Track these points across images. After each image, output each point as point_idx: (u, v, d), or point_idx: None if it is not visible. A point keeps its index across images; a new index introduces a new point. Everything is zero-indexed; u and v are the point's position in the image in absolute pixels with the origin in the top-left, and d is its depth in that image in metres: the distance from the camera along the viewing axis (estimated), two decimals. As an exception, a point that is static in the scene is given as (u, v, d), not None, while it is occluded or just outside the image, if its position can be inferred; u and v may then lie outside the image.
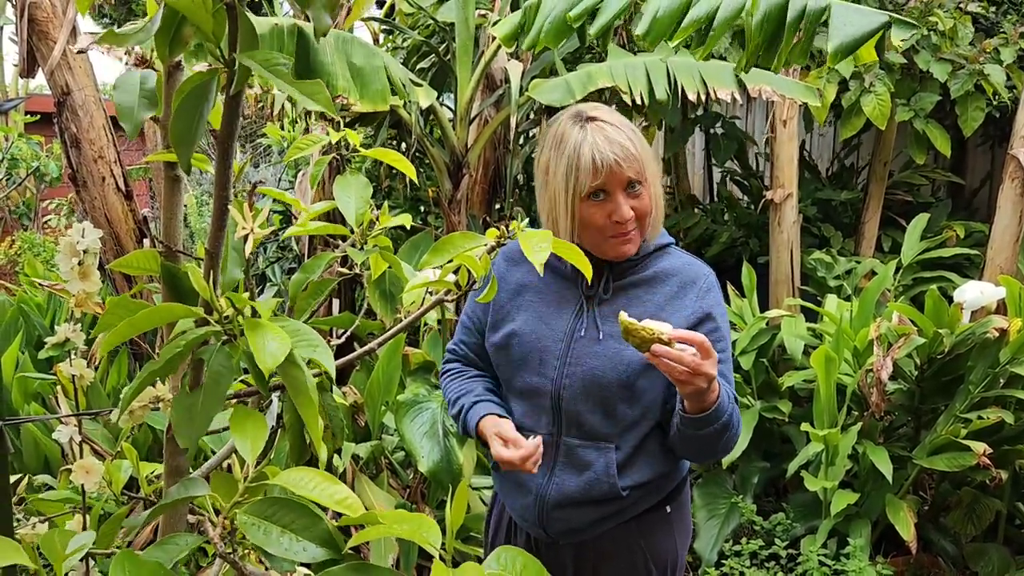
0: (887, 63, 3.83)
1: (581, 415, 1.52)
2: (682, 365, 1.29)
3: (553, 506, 1.55)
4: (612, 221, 1.47)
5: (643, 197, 1.49)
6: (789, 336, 3.46)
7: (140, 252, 1.01)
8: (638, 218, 1.49)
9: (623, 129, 1.49)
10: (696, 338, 1.30)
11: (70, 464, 1.18)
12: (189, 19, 0.75)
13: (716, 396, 1.38)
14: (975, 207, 5.12)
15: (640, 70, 3.17)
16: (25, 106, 7.53)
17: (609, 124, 1.48)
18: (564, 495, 1.54)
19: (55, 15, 3.28)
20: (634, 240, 1.51)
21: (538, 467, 1.48)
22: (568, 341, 1.53)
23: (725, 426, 1.42)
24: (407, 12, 4.20)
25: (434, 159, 3.49)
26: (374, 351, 1.30)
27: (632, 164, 1.46)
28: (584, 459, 1.53)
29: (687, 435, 1.44)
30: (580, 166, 1.45)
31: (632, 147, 1.47)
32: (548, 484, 1.55)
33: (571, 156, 1.46)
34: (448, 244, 1.21)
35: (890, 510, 2.85)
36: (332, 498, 0.87)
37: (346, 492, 0.88)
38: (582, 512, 1.55)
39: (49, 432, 2.90)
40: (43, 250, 6.30)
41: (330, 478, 0.90)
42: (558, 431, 1.55)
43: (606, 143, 1.45)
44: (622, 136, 1.47)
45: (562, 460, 1.55)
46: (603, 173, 1.44)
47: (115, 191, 3.52)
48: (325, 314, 3.86)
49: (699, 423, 1.40)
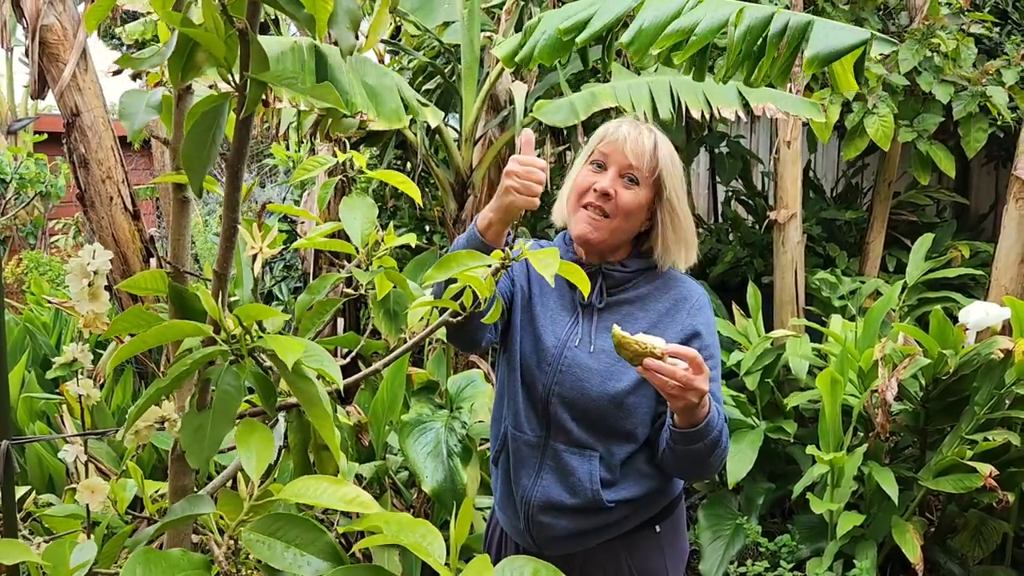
0: (890, 85, 3.85)
1: (567, 422, 1.54)
2: (674, 380, 1.30)
3: (538, 510, 1.56)
4: (592, 189, 1.53)
5: (634, 193, 1.53)
6: (794, 357, 3.45)
7: (148, 273, 1.02)
8: (615, 208, 1.52)
9: (657, 137, 1.57)
10: (688, 353, 1.32)
11: (75, 483, 1.18)
12: (202, 45, 0.76)
13: (707, 411, 1.39)
14: (980, 227, 5.12)
15: (644, 90, 3.20)
16: (34, 126, 7.59)
17: (647, 128, 1.58)
18: (548, 499, 1.55)
19: (66, 38, 3.32)
20: (599, 228, 1.54)
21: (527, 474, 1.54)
22: (561, 348, 1.55)
23: (715, 442, 1.42)
24: (413, 34, 4.24)
25: (439, 179, 3.51)
26: (379, 371, 1.30)
27: (638, 155, 1.53)
28: (568, 465, 1.54)
29: (677, 450, 1.45)
30: (601, 133, 1.58)
31: (649, 148, 1.54)
32: (534, 487, 1.57)
33: (602, 130, 1.59)
34: (452, 260, 1.21)
35: (896, 532, 2.83)
36: (343, 499, 0.87)
37: (356, 491, 0.88)
38: (567, 520, 1.55)
39: (53, 451, 2.91)
40: (49, 269, 6.33)
41: (337, 480, 0.90)
42: (546, 435, 1.57)
43: (632, 129, 1.55)
44: (648, 136, 1.56)
45: (548, 464, 1.57)
46: (609, 142, 1.54)
47: (123, 211, 3.54)
48: (330, 334, 3.87)
49: (690, 438, 1.41)
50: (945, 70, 3.88)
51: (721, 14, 2.13)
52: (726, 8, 2.15)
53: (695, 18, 2.14)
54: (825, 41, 2.01)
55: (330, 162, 1.41)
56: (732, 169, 4.63)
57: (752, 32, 2.09)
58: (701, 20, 2.13)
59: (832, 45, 2.01)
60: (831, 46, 2.01)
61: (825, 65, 2.02)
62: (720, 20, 2.12)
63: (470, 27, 3.42)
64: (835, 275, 4.16)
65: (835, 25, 2.07)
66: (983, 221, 5.11)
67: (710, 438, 1.41)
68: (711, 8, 2.17)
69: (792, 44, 2.06)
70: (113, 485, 1.25)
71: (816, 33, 2.03)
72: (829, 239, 4.71)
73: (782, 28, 2.07)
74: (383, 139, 3.85)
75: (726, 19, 2.11)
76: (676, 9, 2.19)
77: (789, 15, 2.10)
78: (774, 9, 2.12)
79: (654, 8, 2.23)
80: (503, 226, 1.47)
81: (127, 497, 1.31)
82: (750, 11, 2.11)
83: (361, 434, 2.88)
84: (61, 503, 2.48)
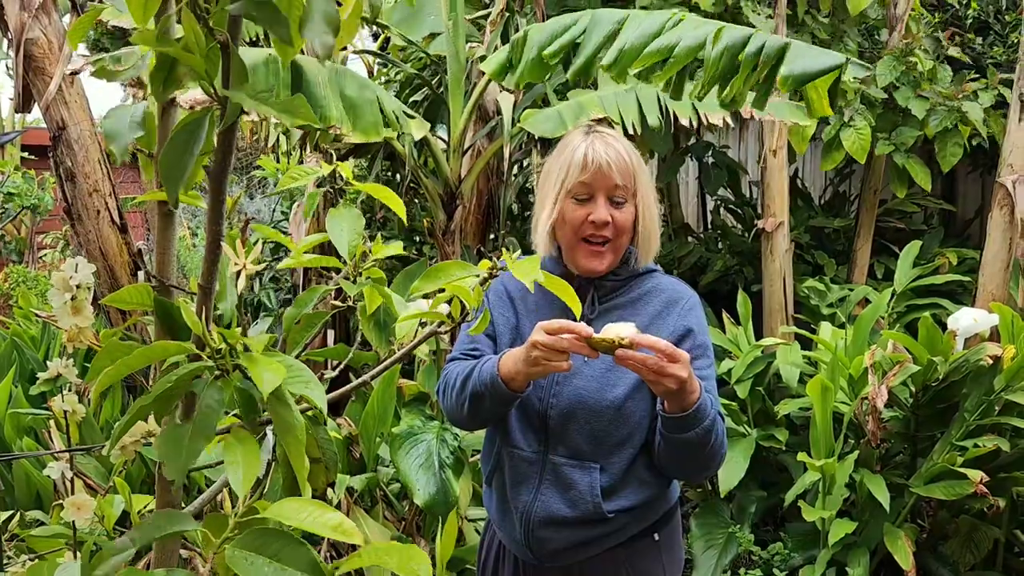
0: (868, 98, 3.88)
1: (567, 434, 1.53)
2: (646, 367, 1.32)
3: (538, 525, 1.55)
4: (588, 222, 1.51)
5: (625, 212, 1.53)
6: (784, 364, 3.46)
7: (133, 287, 1.01)
8: (616, 232, 1.52)
9: (622, 143, 1.56)
10: (658, 344, 1.33)
11: (62, 499, 1.17)
12: (182, 62, 0.76)
13: (696, 398, 1.39)
14: (967, 233, 5.15)
15: (631, 99, 3.20)
16: (21, 139, 7.56)
17: (610, 136, 1.56)
18: (549, 514, 1.54)
19: (51, 51, 3.31)
20: (605, 257, 1.54)
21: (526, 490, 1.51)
22: None
23: (707, 432, 1.42)
24: (400, 46, 4.25)
25: (428, 190, 3.51)
26: (369, 383, 1.30)
27: (622, 172, 1.52)
28: (569, 478, 1.53)
29: (670, 439, 1.44)
30: (572, 162, 1.53)
31: (626, 159, 1.53)
32: (534, 502, 1.55)
33: (567, 154, 1.55)
34: (440, 271, 1.22)
35: (888, 539, 2.83)
36: (327, 525, 0.87)
37: (340, 518, 0.87)
38: (567, 533, 1.54)
39: (41, 467, 2.88)
40: (36, 284, 6.30)
41: (323, 506, 0.90)
42: (545, 449, 1.56)
43: (602, 146, 1.53)
44: (619, 147, 1.54)
45: (548, 478, 1.55)
46: (591, 171, 1.51)
47: (110, 224, 3.53)
48: (320, 345, 3.85)
49: (679, 424, 1.41)
50: (922, 86, 3.92)
51: (700, 34, 2.14)
52: (705, 28, 2.16)
53: (674, 38, 2.16)
54: (800, 62, 2.03)
55: (316, 172, 1.40)
56: (719, 179, 4.65)
57: (729, 51, 2.10)
58: (680, 40, 2.14)
59: (807, 67, 2.02)
60: (806, 68, 2.02)
61: (799, 85, 2.03)
62: (699, 40, 2.13)
63: (455, 38, 3.42)
64: (824, 283, 4.18)
65: (811, 48, 2.09)
66: (969, 227, 5.14)
67: (701, 427, 1.41)
68: (690, 28, 2.18)
69: (768, 64, 2.07)
70: (100, 501, 1.24)
71: (792, 54, 2.05)
72: (817, 247, 4.73)
73: (758, 49, 2.08)
74: (371, 150, 3.85)
75: (704, 39, 2.13)
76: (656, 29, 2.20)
77: (765, 37, 2.11)
78: (752, 31, 2.13)
79: (634, 29, 2.24)
80: (527, 381, 1.45)
81: (114, 513, 1.29)
82: (728, 32, 2.12)
83: (352, 446, 2.86)
84: (49, 519, 2.45)
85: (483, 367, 1.50)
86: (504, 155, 3.34)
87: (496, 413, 1.54)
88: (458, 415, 1.59)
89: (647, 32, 2.19)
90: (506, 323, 1.62)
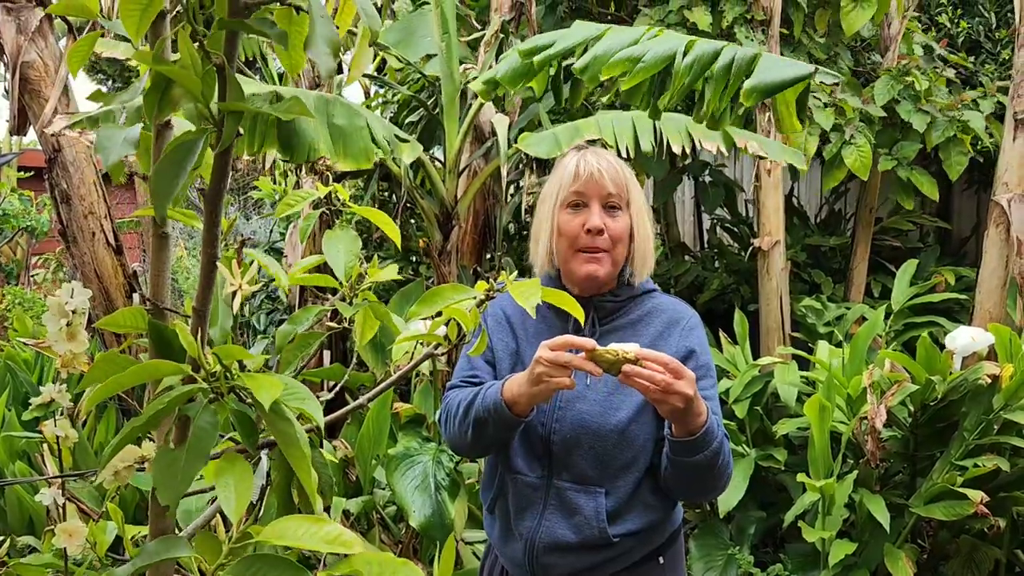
0: (867, 115, 3.91)
1: (571, 459, 1.52)
2: (653, 384, 1.31)
3: (543, 551, 1.53)
4: (584, 230, 1.52)
5: (620, 221, 1.54)
6: (782, 384, 3.45)
7: (127, 310, 1.00)
8: (612, 240, 1.53)
9: (613, 156, 1.59)
10: (662, 358, 1.32)
11: (55, 525, 1.16)
12: (177, 82, 0.76)
13: (704, 420, 1.38)
14: (963, 251, 5.16)
15: (627, 123, 3.21)
16: (17, 161, 7.56)
17: (601, 150, 1.60)
18: (554, 540, 1.52)
19: (47, 74, 3.32)
20: (603, 263, 1.54)
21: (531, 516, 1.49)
22: None
23: (715, 453, 1.41)
24: (397, 68, 4.27)
25: (424, 210, 3.51)
26: (365, 405, 1.29)
27: (615, 181, 1.54)
28: (574, 503, 1.52)
29: (679, 464, 1.43)
30: (565, 175, 1.56)
31: (617, 169, 1.56)
32: (538, 528, 1.54)
33: (560, 171, 1.58)
34: (437, 295, 1.21)
35: (889, 559, 2.81)
36: (324, 539, 0.85)
37: (338, 530, 0.85)
38: (572, 559, 1.53)
39: (33, 491, 2.85)
40: (33, 305, 6.27)
41: (319, 519, 0.88)
42: (549, 474, 1.54)
43: (593, 158, 1.56)
44: (611, 158, 1.57)
45: (552, 504, 1.54)
46: (583, 179, 1.53)
47: (105, 246, 3.52)
48: (316, 366, 3.83)
49: (688, 448, 1.40)
50: (921, 101, 3.95)
51: (670, 45, 2.14)
52: (678, 40, 2.16)
53: (645, 48, 2.16)
54: (767, 74, 1.99)
55: (314, 195, 1.40)
56: (715, 198, 4.66)
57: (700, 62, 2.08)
58: (649, 50, 2.14)
59: (773, 78, 1.99)
60: (771, 78, 1.98)
61: (764, 97, 2.01)
62: (669, 51, 2.13)
63: (449, 59, 3.44)
64: (820, 301, 4.17)
65: (780, 60, 2.07)
66: (965, 245, 5.15)
67: (710, 449, 1.40)
68: (663, 40, 2.18)
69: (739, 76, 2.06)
70: (92, 528, 1.22)
71: (760, 66, 2.03)
72: (814, 265, 4.73)
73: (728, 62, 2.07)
74: (368, 171, 3.86)
75: (675, 50, 2.12)
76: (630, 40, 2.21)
77: (736, 49, 2.09)
78: (724, 44, 2.12)
79: (610, 39, 2.25)
80: (531, 405, 1.44)
81: (107, 540, 1.28)
82: (700, 44, 2.12)
83: (348, 468, 2.84)
84: (41, 545, 2.43)
85: (486, 393, 1.49)
86: (501, 176, 3.34)
87: (499, 439, 1.53)
88: (461, 442, 1.57)
89: (622, 42, 2.19)
90: (505, 348, 1.61)
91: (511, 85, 2.43)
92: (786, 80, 1.98)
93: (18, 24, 3.28)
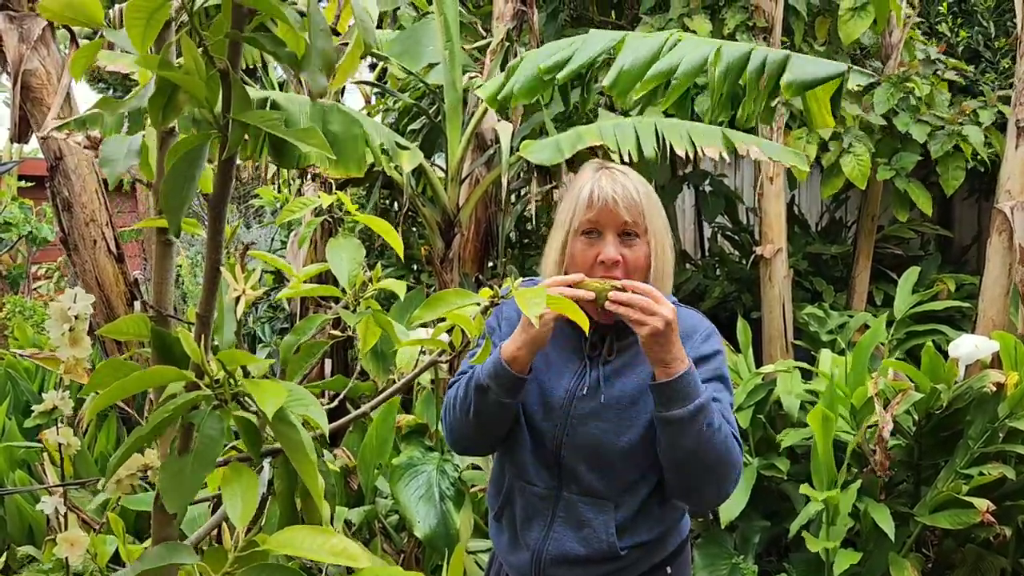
0: (867, 124, 3.91)
1: (580, 472, 1.50)
2: (635, 307, 1.35)
3: (550, 563, 1.52)
4: (598, 262, 1.46)
5: (637, 250, 1.47)
6: (785, 394, 3.43)
7: (129, 317, 0.99)
8: (626, 272, 1.46)
9: (632, 178, 1.50)
10: (644, 287, 1.38)
11: (55, 534, 1.15)
12: (183, 87, 0.75)
13: (684, 367, 1.37)
14: (964, 259, 5.15)
15: (629, 130, 3.21)
16: (18, 171, 7.57)
17: (620, 172, 1.51)
18: (562, 552, 1.51)
19: (49, 82, 3.32)
20: None
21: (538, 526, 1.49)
22: (570, 399, 1.50)
23: (699, 410, 1.37)
24: (399, 76, 4.27)
25: (426, 218, 3.50)
26: (367, 414, 1.28)
27: (631, 209, 1.46)
28: (583, 516, 1.50)
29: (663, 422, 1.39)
30: (579, 200, 1.48)
31: (636, 195, 1.47)
32: (546, 540, 1.52)
33: (575, 193, 1.51)
34: (440, 300, 1.20)
35: (894, 569, 2.80)
36: (330, 551, 0.84)
37: (344, 543, 0.85)
38: (580, 571, 1.51)
39: (34, 500, 2.84)
40: (33, 314, 6.27)
41: (325, 531, 0.87)
42: (558, 485, 1.52)
43: (609, 183, 1.48)
44: (628, 183, 1.49)
45: (561, 515, 1.52)
46: (597, 207, 1.46)
47: (106, 254, 3.52)
48: (318, 376, 3.83)
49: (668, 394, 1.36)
50: (921, 110, 3.95)
51: (699, 54, 2.14)
52: (703, 48, 2.16)
53: (674, 60, 2.16)
54: (803, 70, 2.04)
55: (314, 203, 1.40)
56: (716, 207, 4.66)
57: (732, 71, 2.10)
58: (680, 62, 2.14)
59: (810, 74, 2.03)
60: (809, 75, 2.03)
61: (803, 91, 2.03)
62: (699, 61, 2.13)
63: (451, 67, 3.44)
64: (823, 309, 4.17)
65: (812, 59, 2.09)
66: (966, 253, 5.15)
67: (693, 404, 1.36)
68: (689, 49, 2.18)
69: (773, 78, 2.08)
70: (93, 539, 1.21)
71: (794, 64, 2.05)
72: (816, 273, 4.73)
73: (760, 65, 2.08)
74: (370, 179, 3.85)
75: (705, 60, 2.13)
76: (655, 51, 2.20)
77: (766, 51, 2.11)
78: (751, 47, 2.14)
79: (632, 50, 2.24)
80: (531, 356, 1.43)
81: (108, 550, 1.27)
82: (727, 50, 2.12)
83: (350, 478, 2.83)
84: (41, 555, 2.41)
85: (484, 363, 1.46)
86: (503, 183, 3.34)
87: (501, 412, 1.48)
88: (463, 424, 1.53)
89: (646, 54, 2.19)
90: None
91: (527, 98, 2.43)
92: (823, 77, 2.01)
93: (20, 32, 3.28)
